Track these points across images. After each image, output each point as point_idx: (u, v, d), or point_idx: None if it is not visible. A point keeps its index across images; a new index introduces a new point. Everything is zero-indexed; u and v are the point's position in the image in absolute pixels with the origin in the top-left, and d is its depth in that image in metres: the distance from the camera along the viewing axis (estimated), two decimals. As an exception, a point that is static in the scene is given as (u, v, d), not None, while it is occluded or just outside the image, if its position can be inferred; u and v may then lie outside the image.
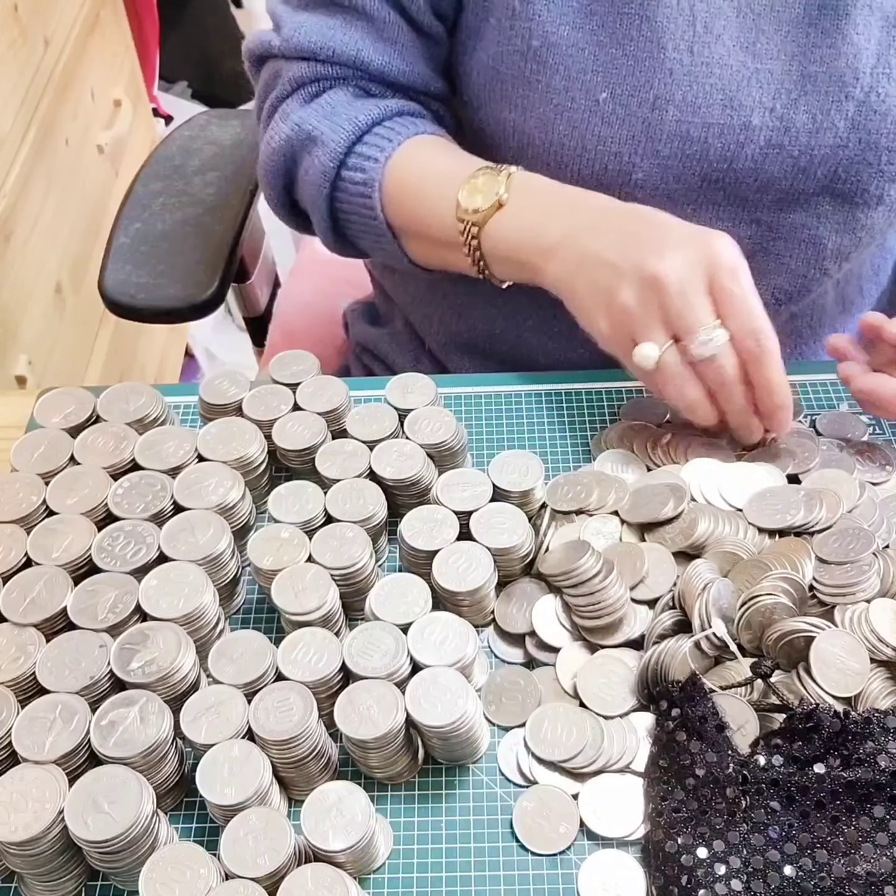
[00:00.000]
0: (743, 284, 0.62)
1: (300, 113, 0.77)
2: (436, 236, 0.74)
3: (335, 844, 0.50)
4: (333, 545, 0.62)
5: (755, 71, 0.71)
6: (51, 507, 0.64)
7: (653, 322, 0.63)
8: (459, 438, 0.69)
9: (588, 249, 0.66)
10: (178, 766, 0.56)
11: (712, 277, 0.62)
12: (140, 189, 1.03)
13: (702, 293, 0.62)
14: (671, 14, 0.69)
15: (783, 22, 0.70)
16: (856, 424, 0.71)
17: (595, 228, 0.67)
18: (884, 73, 0.70)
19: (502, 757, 0.57)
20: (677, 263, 0.62)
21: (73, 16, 1.48)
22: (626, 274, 0.63)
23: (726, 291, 0.62)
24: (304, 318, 1.16)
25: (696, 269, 0.62)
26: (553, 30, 0.70)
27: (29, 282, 1.33)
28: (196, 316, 0.95)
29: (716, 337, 0.62)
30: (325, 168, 0.75)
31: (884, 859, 0.50)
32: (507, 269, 0.72)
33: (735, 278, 0.62)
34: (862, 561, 0.59)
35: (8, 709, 0.55)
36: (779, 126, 0.71)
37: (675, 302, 0.62)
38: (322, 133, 0.75)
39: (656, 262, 0.62)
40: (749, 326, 0.62)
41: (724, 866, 0.50)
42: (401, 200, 0.75)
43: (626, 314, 0.64)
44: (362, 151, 0.75)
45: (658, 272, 0.62)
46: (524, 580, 0.64)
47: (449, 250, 0.74)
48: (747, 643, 0.58)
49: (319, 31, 0.75)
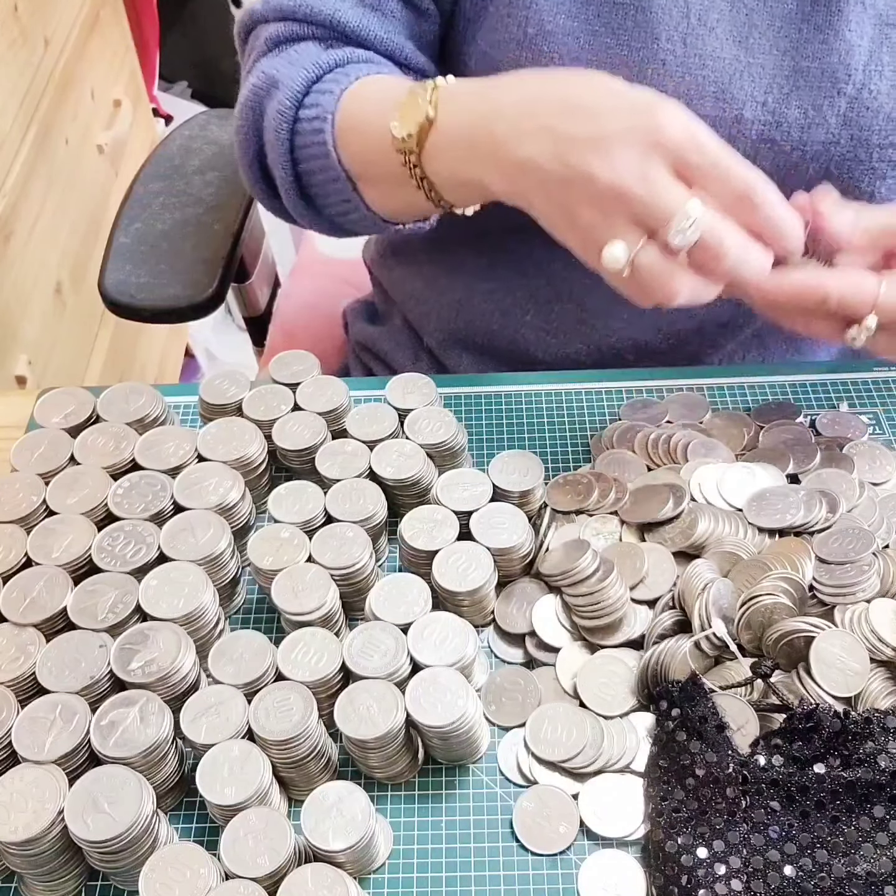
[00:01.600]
0: (707, 150, 0.55)
1: (266, 62, 0.74)
2: (385, 176, 0.69)
3: (335, 844, 0.50)
4: (333, 545, 0.62)
5: (747, 65, 0.71)
6: (51, 507, 0.64)
7: (621, 225, 0.56)
8: (459, 438, 0.69)
9: (527, 156, 0.58)
10: (178, 766, 0.56)
11: (673, 159, 0.55)
12: (140, 189, 1.03)
13: (667, 179, 0.55)
14: (666, 5, 0.69)
15: (776, 17, 0.70)
16: (856, 424, 0.72)
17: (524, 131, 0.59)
18: (876, 70, 0.70)
19: (502, 757, 0.57)
20: (629, 162, 0.55)
21: (73, 16, 1.48)
22: (579, 190, 0.56)
23: (693, 166, 0.55)
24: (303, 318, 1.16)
25: (651, 157, 0.55)
26: (549, 18, 0.70)
27: (29, 282, 1.33)
28: (196, 316, 0.95)
29: (694, 218, 0.54)
30: (283, 107, 0.71)
31: (884, 859, 0.50)
32: (458, 193, 0.67)
33: (697, 148, 0.55)
34: (862, 561, 0.60)
35: (8, 709, 0.55)
36: (770, 120, 0.71)
37: (643, 204, 0.55)
38: (283, 74, 0.71)
39: (605, 170, 0.55)
40: (735, 190, 0.55)
41: (724, 866, 0.50)
42: (348, 136, 0.70)
43: (592, 229, 0.57)
44: (320, 88, 0.71)
45: (613, 183, 0.55)
46: (524, 580, 0.64)
47: (402, 187, 0.67)
48: (747, 643, 0.58)
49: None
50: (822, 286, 0.59)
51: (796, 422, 0.72)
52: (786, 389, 0.75)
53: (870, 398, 0.74)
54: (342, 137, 0.70)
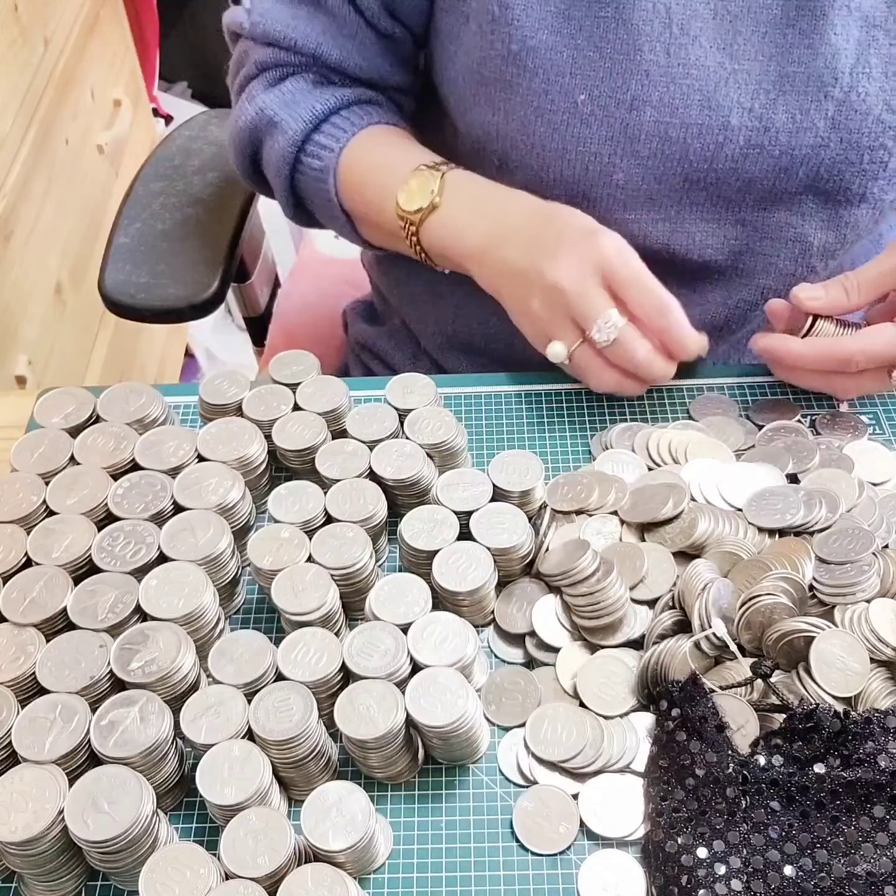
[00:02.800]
0: (632, 268, 0.67)
1: (263, 97, 0.81)
2: (383, 226, 0.79)
3: (335, 844, 0.50)
4: (333, 545, 0.62)
5: (733, 72, 0.71)
6: (51, 507, 0.64)
7: (561, 323, 0.69)
8: (459, 438, 0.69)
9: (503, 259, 0.71)
10: (178, 766, 0.56)
11: (605, 273, 0.67)
12: (140, 189, 1.03)
13: (598, 288, 0.67)
14: (647, 17, 0.70)
15: (760, 23, 0.71)
16: (856, 424, 0.72)
17: (509, 236, 0.71)
18: (863, 72, 0.70)
19: (502, 757, 0.57)
20: (571, 269, 0.67)
21: (73, 16, 1.48)
22: (533, 283, 0.69)
23: (619, 280, 0.67)
24: (303, 318, 1.16)
25: (588, 269, 0.67)
26: (531, 34, 0.71)
27: (29, 282, 1.33)
28: (196, 316, 0.95)
29: (613, 322, 0.67)
30: (284, 153, 0.80)
31: (884, 859, 0.50)
32: (445, 264, 0.78)
33: (624, 266, 0.67)
34: (862, 561, 0.59)
35: (8, 709, 0.55)
36: (758, 126, 0.71)
37: (575, 302, 0.67)
38: (282, 120, 0.80)
39: (553, 269, 0.68)
40: (650, 306, 0.67)
41: (724, 866, 0.50)
42: (352, 190, 0.80)
43: (540, 320, 0.70)
44: (319, 140, 0.80)
45: (556, 280, 0.67)
46: (524, 580, 0.64)
47: (396, 238, 0.78)
48: (747, 643, 0.58)
49: (284, 20, 0.79)
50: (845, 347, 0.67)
51: (794, 421, 0.72)
52: (786, 389, 0.75)
53: (870, 398, 0.74)
54: (344, 192, 0.80)
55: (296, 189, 0.84)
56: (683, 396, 0.75)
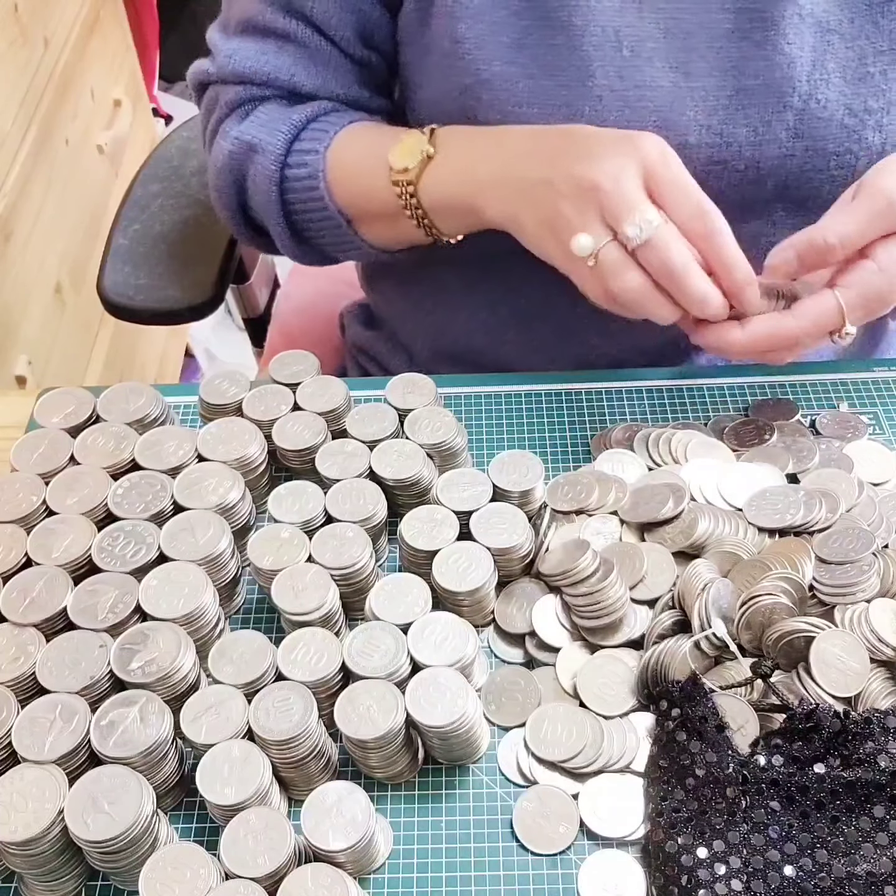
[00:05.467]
0: (675, 171, 0.62)
1: (239, 127, 0.78)
2: (380, 209, 0.75)
3: (335, 844, 0.50)
4: (333, 545, 0.62)
5: (688, 90, 0.70)
6: (51, 507, 0.64)
7: (591, 220, 0.62)
8: (459, 438, 0.69)
9: (521, 176, 0.66)
10: (178, 766, 0.56)
11: (646, 172, 0.62)
12: (139, 190, 1.03)
13: (637, 186, 0.62)
14: (597, 42, 0.69)
15: (714, 38, 0.70)
16: (856, 424, 0.72)
17: (523, 155, 0.67)
18: (821, 79, 0.70)
19: (502, 757, 0.57)
20: (609, 166, 0.62)
21: (73, 16, 1.48)
22: (562, 188, 0.63)
23: (661, 180, 0.62)
24: (302, 319, 1.16)
25: (628, 167, 0.62)
26: (485, 67, 0.71)
27: (29, 282, 1.33)
28: (194, 317, 0.96)
29: (649, 219, 0.61)
30: (268, 172, 0.77)
31: (884, 859, 0.50)
32: (451, 221, 0.73)
33: (667, 167, 0.62)
34: (862, 561, 0.59)
35: (8, 709, 0.55)
36: (719, 142, 0.71)
37: (609, 197, 0.61)
38: (261, 140, 0.77)
39: (588, 168, 0.62)
40: (691, 209, 0.62)
41: (724, 866, 0.50)
42: (343, 184, 0.76)
43: (568, 224, 0.63)
44: (301, 147, 0.77)
45: (592, 177, 0.62)
46: (524, 580, 0.64)
47: (396, 221, 0.74)
48: (747, 643, 0.58)
49: (252, 56, 0.77)
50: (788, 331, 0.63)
51: (794, 421, 0.72)
52: (786, 389, 0.75)
53: (870, 398, 0.74)
54: (336, 189, 0.76)
55: (290, 214, 0.79)
56: (683, 396, 0.75)
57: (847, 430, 0.71)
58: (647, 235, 0.61)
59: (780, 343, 0.64)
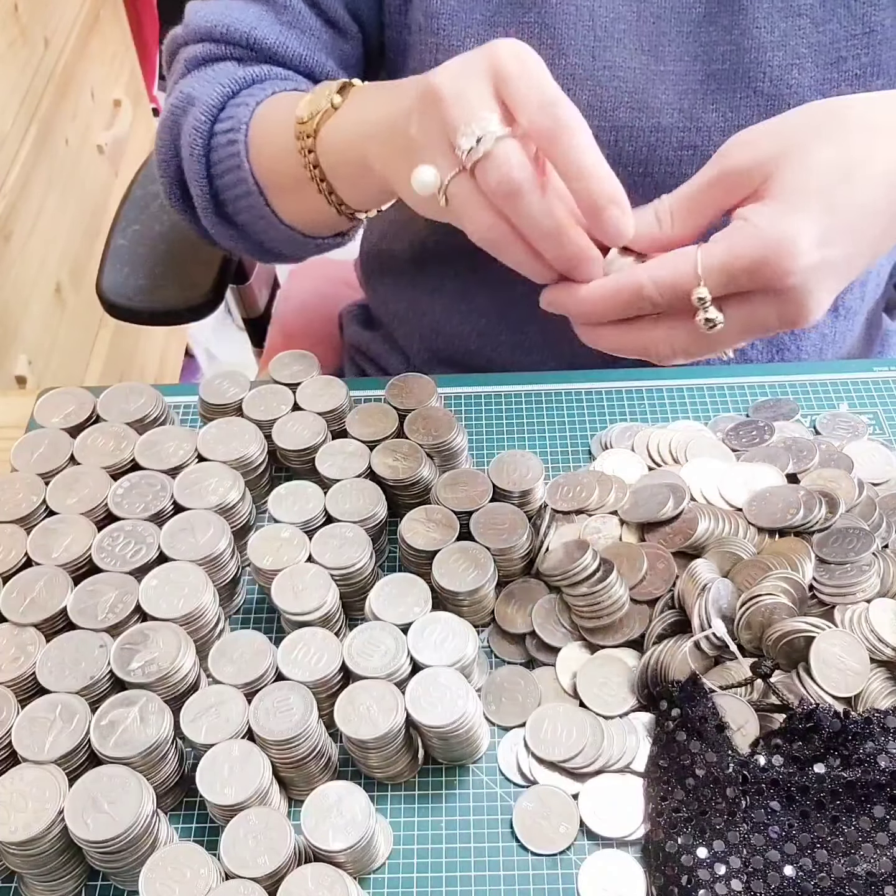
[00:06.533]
0: (529, 66, 0.51)
1: (185, 82, 0.74)
2: (287, 173, 0.67)
3: (335, 844, 0.50)
4: (333, 545, 0.62)
5: (659, 73, 0.70)
6: (51, 507, 0.64)
7: (437, 144, 0.52)
8: (459, 438, 0.69)
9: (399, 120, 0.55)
10: (178, 766, 0.56)
11: (496, 75, 0.51)
12: (138, 191, 1.03)
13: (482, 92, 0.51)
14: (570, 21, 0.69)
15: (684, 22, 0.70)
16: (856, 424, 0.72)
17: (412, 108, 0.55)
18: (793, 63, 0.69)
19: (502, 757, 0.57)
20: (453, 69, 0.52)
21: (73, 16, 1.48)
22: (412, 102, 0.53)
23: (509, 78, 0.50)
24: (302, 319, 1.16)
25: (474, 70, 0.51)
26: (458, 43, 0.70)
27: (29, 282, 1.33)
28: (194, 318, 0.96)
29: (491, 129, 0.49)
30: (198, 123, 0.70)
31: (884, 859, 0.50)
32: (349, 183, 0.65)
33: (521, 62, 0.51)
34: (862, 561, 0.59)
35: (8, 709, 0.55)
36: (690, 126, 0.71)
37: (449, 107, 0.51)
38: (200, 94, 0.72)
39: (433, 77, 0.52)
40: (539, 103, 0.49)
41: (724, 866, 0.50)
42: (260, 143, 0.70)
43: (417, 150, 0.53)
44: (235, 101, 0.71)
45: (432, 83, 0.51)
46: (524, 580, 0.64)
47: (302, 191, 0.67)
48: (747, 643, 0.58)
49: (217, 10, 0.75)
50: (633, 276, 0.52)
51: (794, 421, 0.72)
52: (786, 389, 0.75)
53: (870, 398, 0.74)
54: (254, 146, 0.69)
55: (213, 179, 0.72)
56: (683, 396, 0.75)
57: (847, 430, 0.71)
58: (485, 148, 0.49)
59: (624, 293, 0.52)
